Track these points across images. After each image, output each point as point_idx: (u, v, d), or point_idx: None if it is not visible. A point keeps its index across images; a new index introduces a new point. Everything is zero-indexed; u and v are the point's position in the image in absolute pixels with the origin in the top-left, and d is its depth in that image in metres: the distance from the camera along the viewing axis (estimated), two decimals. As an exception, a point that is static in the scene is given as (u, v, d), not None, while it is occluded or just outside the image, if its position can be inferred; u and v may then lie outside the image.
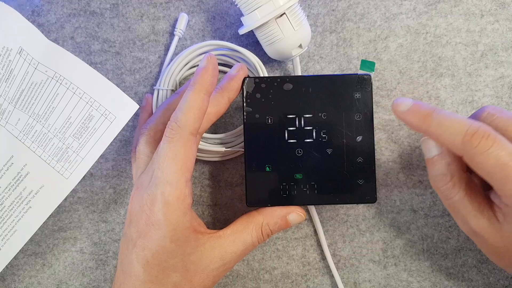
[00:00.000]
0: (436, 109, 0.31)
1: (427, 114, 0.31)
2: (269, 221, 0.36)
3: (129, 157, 0.43)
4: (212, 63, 0.33)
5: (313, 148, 0.36)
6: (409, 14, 0.42)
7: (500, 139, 0.28)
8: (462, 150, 0.29)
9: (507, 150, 0.28)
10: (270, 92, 0.36)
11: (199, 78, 0.33)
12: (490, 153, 0.28)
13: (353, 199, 0.36)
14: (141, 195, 0.33)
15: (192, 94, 0.32)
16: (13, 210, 0.39)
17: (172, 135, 0.32)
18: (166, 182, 0.32)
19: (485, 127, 0.29)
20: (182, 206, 0.32)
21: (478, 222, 0.32)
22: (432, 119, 0.31)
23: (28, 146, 0.39)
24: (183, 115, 0.32)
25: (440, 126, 0.30)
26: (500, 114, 0.32)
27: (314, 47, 0.43)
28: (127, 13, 0.43)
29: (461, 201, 0.32)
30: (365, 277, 0.42)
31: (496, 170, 0.28)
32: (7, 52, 0.36)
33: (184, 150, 0.32)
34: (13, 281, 0.43)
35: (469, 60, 0.42)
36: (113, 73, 0.43)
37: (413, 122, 0.32)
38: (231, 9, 0.43)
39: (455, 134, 0.29)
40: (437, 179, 0.33)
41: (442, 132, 0.30)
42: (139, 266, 0.32)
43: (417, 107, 0.32)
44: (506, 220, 0.30)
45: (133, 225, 0.33)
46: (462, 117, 0.30)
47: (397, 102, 0.33)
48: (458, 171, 0.32)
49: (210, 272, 0.34)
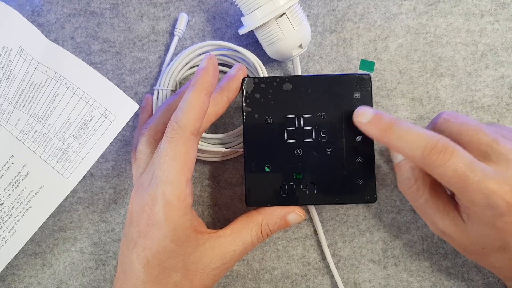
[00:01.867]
0: (396, 121, 0.32)
1: (387, 127, 0.32)
2: (268, 221, 0.36)
3: (129, 157, 0.43)
4: (212, 64, 0.34)
5: (312, 148, 0.36)
6: (409, 14, 0.42)
7: (457, 151, 0.30)
8: (422, 163, 0.31)
9: (464, 161, 0.29)
10: (269, 92, 0.36)
11: (199, 79, 0.33)
12: (448, 166, 0.30)
13: (353, 199, 0.36)
14: (142, 195, 0.33)
15: (192, 94, 0.32)
16: (13, 210, 0.39)
17: (173, 135, 0.32)
18: (167, 182, 0.32)
19: (443, 140, 0.30)
20: (182, 206, 0.32)
21: (444, 223, 0.33)
22: (392, 132, 0.31)
23: (28, 146, 0.39)
24: (184, 115, 0.32)
25: (400, 140, 0.31)
26: (454, 119, 0.33)
27: (314, 47, 0.43)
28: (127, 13, 0.43)
29: (427, 203, 0.34)
30: (365, 277, 0.42)
31: (455, 180, 0.30)
32: (7, 52, 0.36)
33: (185, 150, 0.32)
34: (13, 281, 0.43)
35: (469, 60, 0.42)
36: (113, 73, 0.43)
37: (374, 134, 0.33)
38: (231, 9, 0.43)
39: (415, 148, 0.30)
40: (403, 183, 0.35)
41: (402, 146, 0.31)
42: (140, 266, 0.32)
43: (378, 118, 0.33)
44: (470, 221, 0.32)
45: (133, 225, 0.33)
46: (421, 130, 0.31)
47: (358, 112, 0.34)
48: (422, 175, 0.34)
49: (210, 271, 0.34)
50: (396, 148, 0.32)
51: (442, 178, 0.30)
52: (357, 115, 0.34)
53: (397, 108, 0.42)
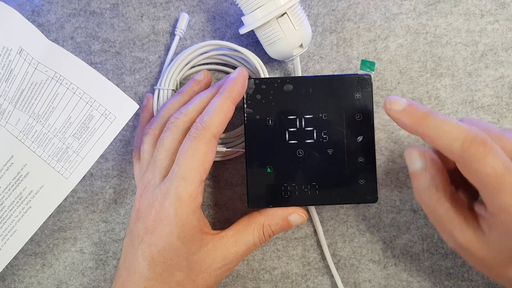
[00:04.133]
0: (432, 111, 0.30)
1: (423, 116, 0.30)
2: (270, 222, 0.36)
3: (129, 157, 0.43)
4: (242, 75, 0.35)
5: (314, 149, 0.36)
6: (409, 14, 0.42)
7: (496, 148, 0.28)
8: (459, 156, 0.29)
9: (502, 160, 0.28)
10: (270, 93, 0.36)
11: (229, 87, 0.35)
12: (487, 161, 0.28)
13: (354, 199, 0.36)
14: (152, 192, 0.34)
15: (221, 100, 0.34)
16: (13, 210, 0.39)
17: (196, 134, 0.33)
18: (182, 177, 0.32)
19: (482, 134, 0.28)
20: (193, 204, 0.33)
21: (465, 235, 0.31)
22: (429, 121, 0.30)
23: (28, 146, 0.38)
24: (209, 118, 0.33)
25: (437, 130, 0.29)
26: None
27: (314, 47, 0.43)
28: (127, 13, 0.43)
29: (447, 214, 0.31)
30: (365, 277, 0.42)
31: (491, 179, 0.28)
32: (7, 52, 0.36)
33: (205, 150, 0.33)
34: (13, 281, 0.43)
35: (469, 60, 0.42)
36: (113, 73, 0.43)
37: (408, 123, 0.31)
38: (231, 9, 0.43)
39: (454, 139, 0.29)
40: (422, 192, 0.32)
41: (439, 136, 0.29)
42: (144, 262, 0.33)
43: (413, 107, 0.31)
44: (492, 231, 0.30)
45: (140, 221, 0.34)
46: (459, 122, 0.29)
47: (391, 100, 0.32)
48: (443, 184, 0.31)
49: (213, 272, 0.34)
50: (432, 139, 0.30)
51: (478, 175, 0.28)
52: (390, 103, 0.32)
53: (397, 108, 0.42)
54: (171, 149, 0.35)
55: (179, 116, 0.35)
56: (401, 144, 0.42)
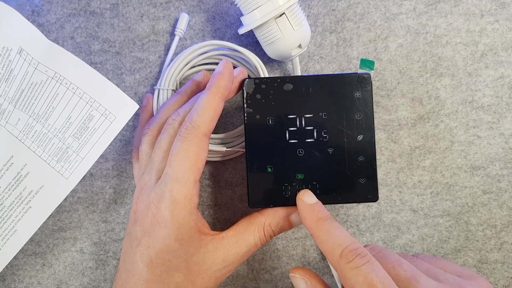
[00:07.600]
0: (331, 218, 0.32)
1: (322, 218, 0.32)
2: (271, 222, 0.36)
3: (129, 157, 0.43)
4: (228, 69, 0.35)
5: (314, 148, 0.36)
6: (409, 14, 0.42)
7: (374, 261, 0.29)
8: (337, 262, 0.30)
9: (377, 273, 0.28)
10: (270, 93, 0.36)
11: (215, 82, 0.34)
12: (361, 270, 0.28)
13: (355, 198, 0.36)
14: (148, 194, 0.33)
15: (208, 96, 0.34)
16: (13, 210, 0.39)
17: (186, 134, 0.33)
18: (175, 179, 0.32)
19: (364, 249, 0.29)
20: (188, 205, 0.32)
21: None
22: (324, 224, 0.32)
23: (28, 146, 0.38)
24: (198, 116, 0.33)
25: (327, 233, 0.31)
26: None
27: (314, 47, 0.43)
28: (127, 13, 0.43)
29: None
30: (365, 277, 0.42)
31: None
32: (7, 52, 0.36)
33: (197, 150, 0.33)
34: (13, 281, 0.43)
35: (469, 60, 0.42)
36: (113, 73, 0.43)
37: (308, 218, 0.33)
38: (231, 9, 0.43)
39: (337, 245, 0.30)
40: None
41: (326, 240, 0.31)
42: (143, 265, 0.32)
43: (318, 207, 0.33)
44: None
45: (138, 224, 0.33)
46: (349, 235, 0.31)
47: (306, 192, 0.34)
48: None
49: (213, 273, 0.34)
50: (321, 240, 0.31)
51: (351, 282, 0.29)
52: (303, 194, 0.34)
53: (397, 108, 0.42)
54: (168, 151, 0.34)
55: (176, 117, 0.35)
56: (401, 144, 0.42)
